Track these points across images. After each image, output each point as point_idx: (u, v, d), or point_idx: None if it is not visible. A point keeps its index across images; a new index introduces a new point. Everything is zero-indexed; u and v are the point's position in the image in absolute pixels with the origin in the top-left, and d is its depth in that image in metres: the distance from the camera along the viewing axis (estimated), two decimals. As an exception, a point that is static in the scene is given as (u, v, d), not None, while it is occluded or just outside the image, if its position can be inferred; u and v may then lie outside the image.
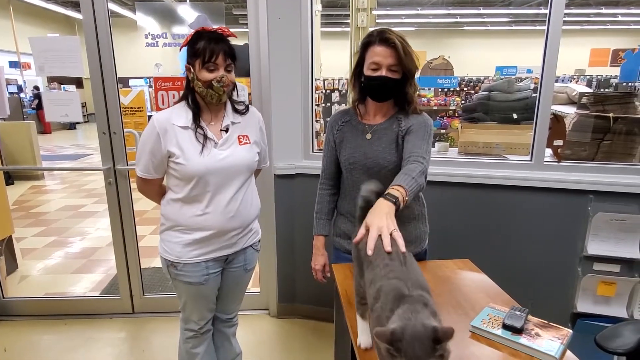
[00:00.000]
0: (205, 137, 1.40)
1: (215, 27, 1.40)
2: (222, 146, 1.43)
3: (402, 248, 0.93)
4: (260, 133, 1.58)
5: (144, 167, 1.43)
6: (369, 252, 0.94)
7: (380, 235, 0.96)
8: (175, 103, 1.49)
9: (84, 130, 14.51)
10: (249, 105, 1.57)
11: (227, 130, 1.46)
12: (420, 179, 1.25)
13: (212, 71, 1.36)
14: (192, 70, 1.37)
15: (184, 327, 1.61)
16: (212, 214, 1.42)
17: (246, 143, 1.49)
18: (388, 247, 0.92)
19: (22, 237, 4.23)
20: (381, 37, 1.34)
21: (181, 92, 1.52)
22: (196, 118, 1.41)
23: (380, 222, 0.99)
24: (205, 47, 1.34)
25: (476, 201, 2.19)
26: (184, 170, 1.38)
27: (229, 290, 1.64)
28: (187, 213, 1.43)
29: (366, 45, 1.39)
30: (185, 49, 1.40)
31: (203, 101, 1.43)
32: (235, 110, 1.51)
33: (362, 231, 1.01)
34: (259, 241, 1.66)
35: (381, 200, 1.10)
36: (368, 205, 1.10)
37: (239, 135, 1.48)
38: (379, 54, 1.35)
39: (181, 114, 1.41)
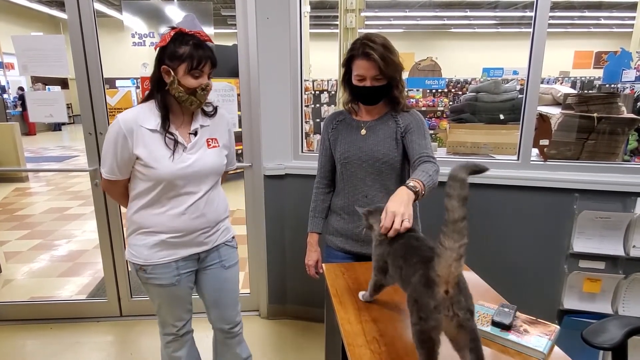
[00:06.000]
0: (176, 142, 1.36)
1: (191, 30, 1.35)
2: (191, 150, 1.40)
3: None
4: (228, 135, 1.55)
5: (109, 168, 1.37)
6: (382, 231, 1.07)
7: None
8: (140, 102, 1.42)
9: (70, 131, 14.28)
10: (217, 107, 1.53)
11: (195, 134, 1.42)
12: (436, 176, 1.32)
13: (196, 78, 1.33)
14: (172, 73, 1.32)
15: (163, 331, 1.58)
16: (176, 215, 1.39)
17: (215, 146, 1.46)
18: (394, 228, 1.04)
19: (5, 241, 4.14)
20: (362, 50, 1.39)
21: None
22: (165, 121, 1.36)
23: (398, 209, 1.07)
24: (193, 53, 1.30)
25: (464, 200, 2.20)
26: (153, 175, 1.34)
27: (215, 291, 1.60)
28: (152, 215, 1.40)
29: (350, 58, 1.45)
30: (158, 49, 1.35)
31: (178, 105, 1.38)
32: (204, 113, 1.48)
33: (383, 215, 1.09)
34: (233, 237, 1.62)
35: (402, 188, 1.18)
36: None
37: (207, 139, 1.45)
38: (362, 67, 1.41)
39: (149, 116, 1.35)
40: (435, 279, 0.81)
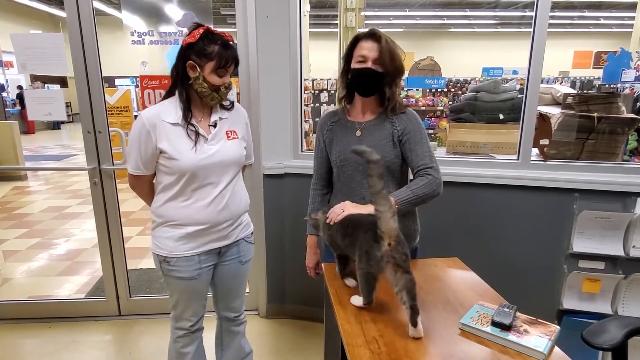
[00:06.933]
0: (197, 134, 1.41)
1: (215, 29, 1.40)
2: (212, 141, 1.44)
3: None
4: (246, 128, 1.60)
5: (134, 163, 1.43)
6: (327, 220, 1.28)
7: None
8: (162, 99, 1.47)
9: (69, 130, 14.27)
10: (234, 101, 1.58)
11: (215, 126, 1.47)
12: (426, 189, 1.35)
13: (221, 77, 1.38)
14: (198, 69, 1.36)
15: (175, 325, 1.59)
16: (202, 207, 1.43)
17: (234, 138, 1.50)
18: (335, 213, 1.25)
19: (4, 239, 4.14)
20: (370, 32, 1.42)
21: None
22: (187, 115, 1.40)
23: (346, 205, 1.27)
24: (222, 52, 1.35)
25: (464, 200, 2.20)
26: (177, 167, 1.38)
27: (229, 284, 1.63)
28: (178, 208, 1.43)
29: (355, 41, 1.45)
30: (186, 44, 1.38)
31: (199, 99, 1.42)
32: (222, 107, 1.53)
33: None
34: (252, 234, 1.66)
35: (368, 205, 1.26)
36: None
37: (227, 131, 1.49)
38: (366, 48, 1.42)
39: (170, 111, 1.41)
40: (382, 235, 1.05)
